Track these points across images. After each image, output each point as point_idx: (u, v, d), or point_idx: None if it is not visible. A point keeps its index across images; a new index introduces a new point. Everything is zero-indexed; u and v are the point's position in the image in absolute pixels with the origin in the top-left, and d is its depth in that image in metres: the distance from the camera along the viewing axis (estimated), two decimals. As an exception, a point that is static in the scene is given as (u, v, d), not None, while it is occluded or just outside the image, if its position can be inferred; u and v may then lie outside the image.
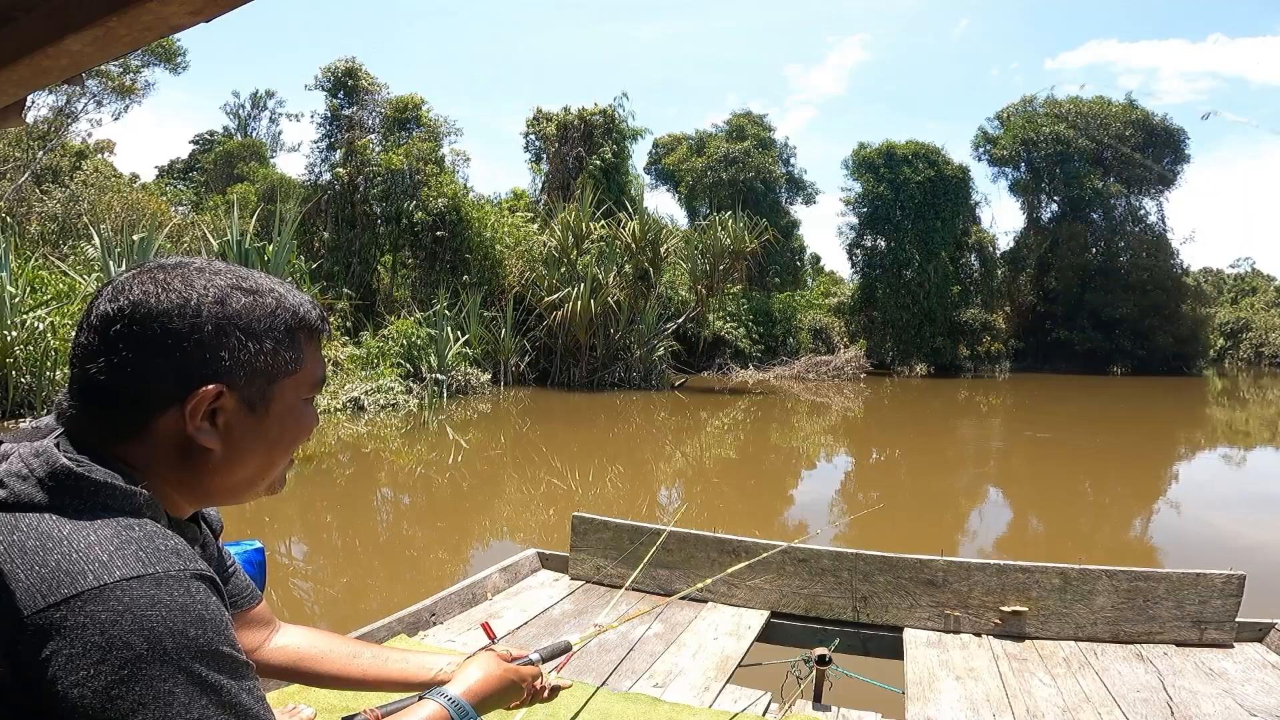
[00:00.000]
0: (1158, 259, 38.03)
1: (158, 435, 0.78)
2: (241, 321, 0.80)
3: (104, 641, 0.61)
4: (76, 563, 0.64)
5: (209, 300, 0.79)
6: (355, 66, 25.44)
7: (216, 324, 0.78)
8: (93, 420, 0.77)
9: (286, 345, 0.84)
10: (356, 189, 24.51)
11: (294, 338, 0.85)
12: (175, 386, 0.77)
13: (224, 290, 0.80)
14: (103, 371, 0.76)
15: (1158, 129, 38.37)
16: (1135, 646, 3.04)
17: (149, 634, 0.62)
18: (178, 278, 0.79)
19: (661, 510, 9.44)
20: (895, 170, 34.32)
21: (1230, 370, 45.01)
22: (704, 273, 23.95)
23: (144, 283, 0.78)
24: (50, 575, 0.63)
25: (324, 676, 1.24)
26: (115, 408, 0.77)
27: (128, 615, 0.62)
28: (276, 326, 0.83)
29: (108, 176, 25.48)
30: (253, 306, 0.81)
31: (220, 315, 0.79)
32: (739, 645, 3.12)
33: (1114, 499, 10.58)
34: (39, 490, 0.69)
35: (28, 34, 1.56)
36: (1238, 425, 20.22)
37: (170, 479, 0.80)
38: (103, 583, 0.63)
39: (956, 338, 34.67)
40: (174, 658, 0.63)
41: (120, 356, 0.75)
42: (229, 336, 0.79)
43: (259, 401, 0.83)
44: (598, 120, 28.09)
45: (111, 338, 0.76)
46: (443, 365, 19.20)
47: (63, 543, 0.65)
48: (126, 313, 0.76)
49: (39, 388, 11.57)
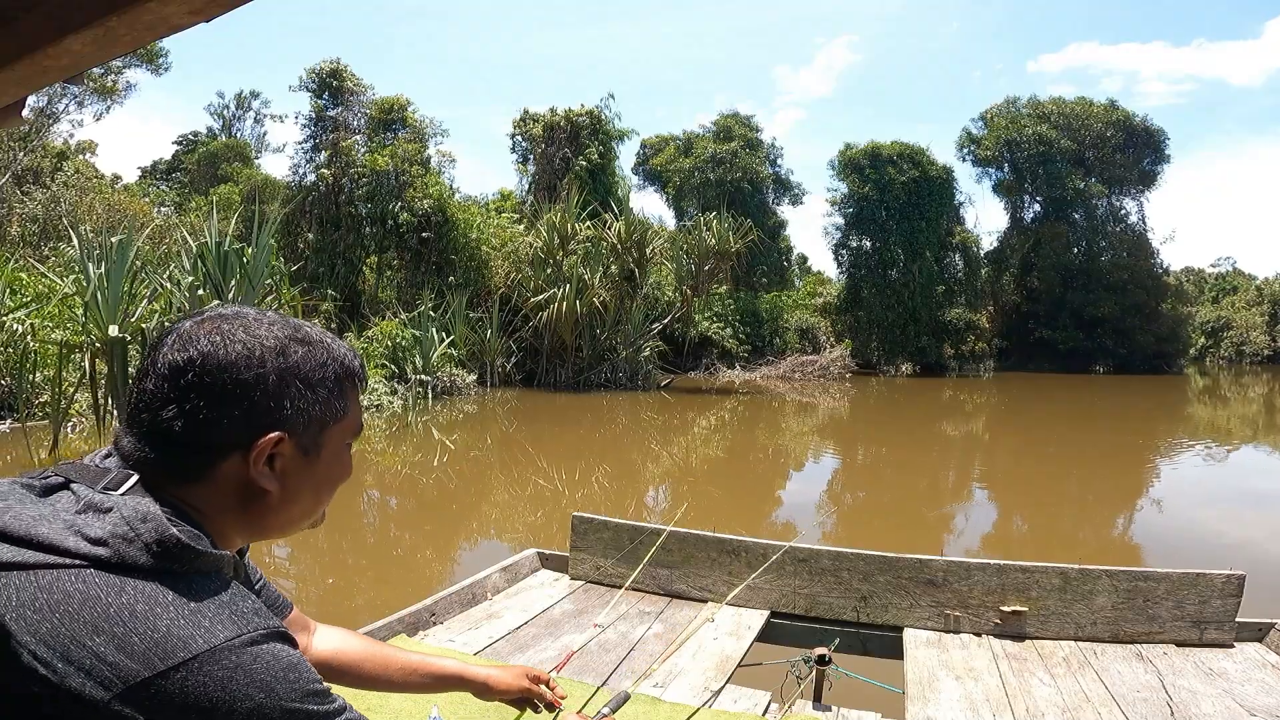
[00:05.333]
0: (1138, 258, 38.44)
1: (220, 478, 0.83)
2: (300, 372, 0.86)
3: (227, 697, 0.69)
4: (185, 628, 0.70)
5: (272, 352, 0.84)
6: (340, 67, 25.31)
7: (279, 374, 0.84)
8: (162, 465, 0.82)
9: (336, 394, 0.90)
10: (341, 190, 24.37)
11: (342, 387, 0.91)
12: (243, 434, 0.82)
13: (283, 341, 0.86)
14: (176, 420, 0.80)
15: (1138, 129, 38.77)
16: (1135, 646, 3.05)
17: (262, 685, 0.71)
18: (240, 328, 0.84)
19: (649, 511, 9.44)
20: (880, 171, 34.48)
21: (1212, 368, 45.51)
22: (690, 273, 23.97)
23: (210, 334, 0.83)
24: (164, 640, 0.69)
25: (364, 677, 1.33)
26: (185, 454, 0.82)
27: (240, 672, 0.70)
28: (328, 376, 0.89)
29: (89, 178, 25.25)
30: (309, 357, 0.87)
31: (282, 366, 0.84)
32: (739, 645, 3.11)
33: (1099, 497, 10.65)
34: (145, 554, 0.73)
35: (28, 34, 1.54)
36: (1220, 423, 20.42)
37: (229, 518, 0.86)
38: (212, 646, 0.70)
39: (941, 337, 34.87)
40: (287, 701, 0.73)
41: (192, 405, 0.80)
42: (290, 386, 0.85)
43: (312, 447, 0.88)
44: (584, 121, 28.07)
45: (183, 387, 0.80)
46: (428, 367, 19.13)
47: (170, 608, 0.71)
48: (197, 363, 0.81)
49: (19, 390, 11.44)
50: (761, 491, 10.91)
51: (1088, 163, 38.71)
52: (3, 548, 0.71)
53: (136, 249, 11.15)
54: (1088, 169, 38.65)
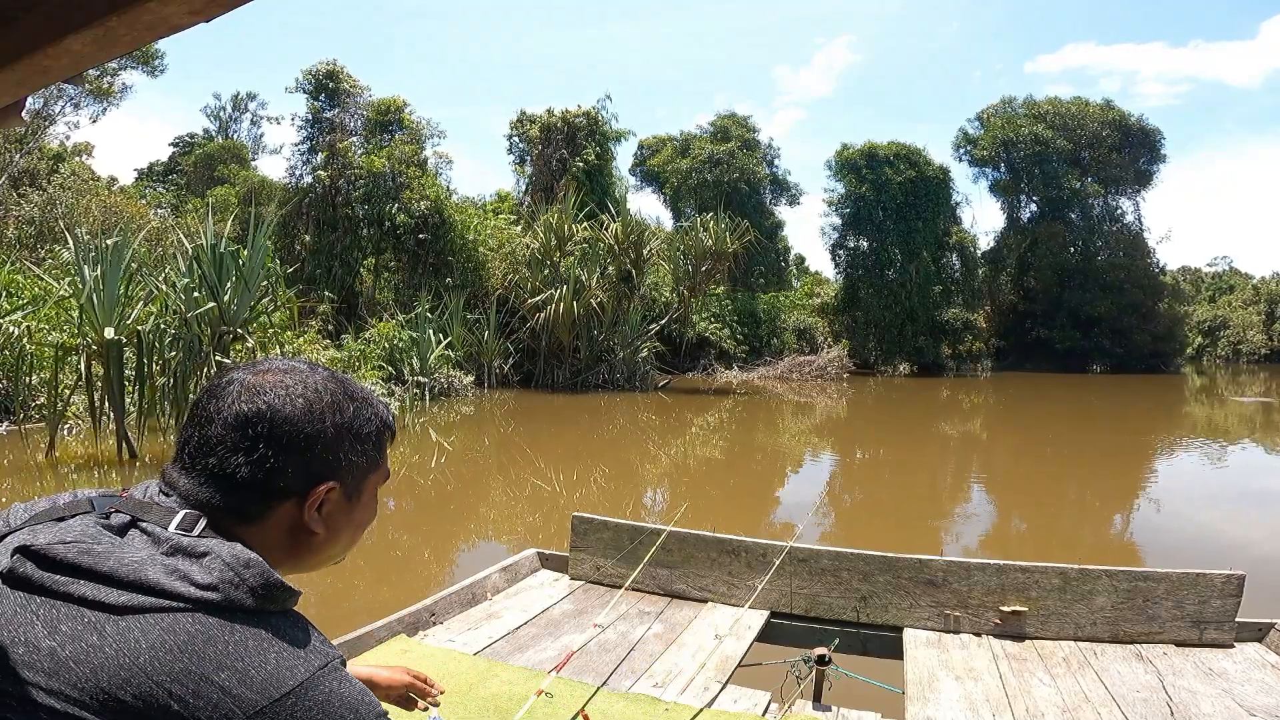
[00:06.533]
0: (1134, 258, 38.50)
1: (275, 520, 0.92)
2: (353, 427, 0.94)
3: (326, 718, 0.79)
4: (287, 660, 0.79)
5: (330, 408, 0.92)
6: (337, 69, 25.30)
7: (336, 429, 0.92)
8: (224, 506, 0.89)
9: (376, 446, 0.99)
10: (338, 192, 24.36)
11: (381, 439, 1.00)
12: (302, 482, 0.91)
13: (339, 398, 0.94)
14: (243, 466, 0.88)
15: (1134, 129, 38.83)
16: (1135, 646, 3.05)
17: (351, 707, 0.81)
18: (300, 384, 0.92)
19: (647, 511, 9.43)
20: (877, 171, 34.52)
21: (1209, 367, 45.60)
22: (687, 274, 23.97)
23: (275, 387, 0.91)
24: (275, 672, 0.78)
25: None
26: (248, 497, 0.89)
27: (335, 697, 0.80)
28: (373, 431, 0.98)
29: (85, 179, 25.19)
30: (359, 414, 0.96)
31: (339, 421, 0.93)
32: (739, 645, 3.11)
33: (1098, 496, 10.66)
34: (250, 597, 0.81)
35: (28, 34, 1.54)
36: (1217, 422, 20.44)
37: (276, 555, 0.92)
38: (311, 674, 0.80)
39: (938, 337, 34.90)
40: (369, 718, 0.82)
41: (260, 454, 0.88)
42: (344, 440, 0.93)
43: (355, 494, 0.97)
44: (581, 122, 28.08)
45: (253, 437, 0.88)
46: (425, 368, 19.11)
47: (275, 643, 0.80)
48: (266, 416, 0.88)
49: (16, 392, 11.42)
50: (760, 492, 10.91)
51: (1084, 163, 38.77)
52: (114, 592, 0.78)
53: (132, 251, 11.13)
54: (1084, 169, 38.71)
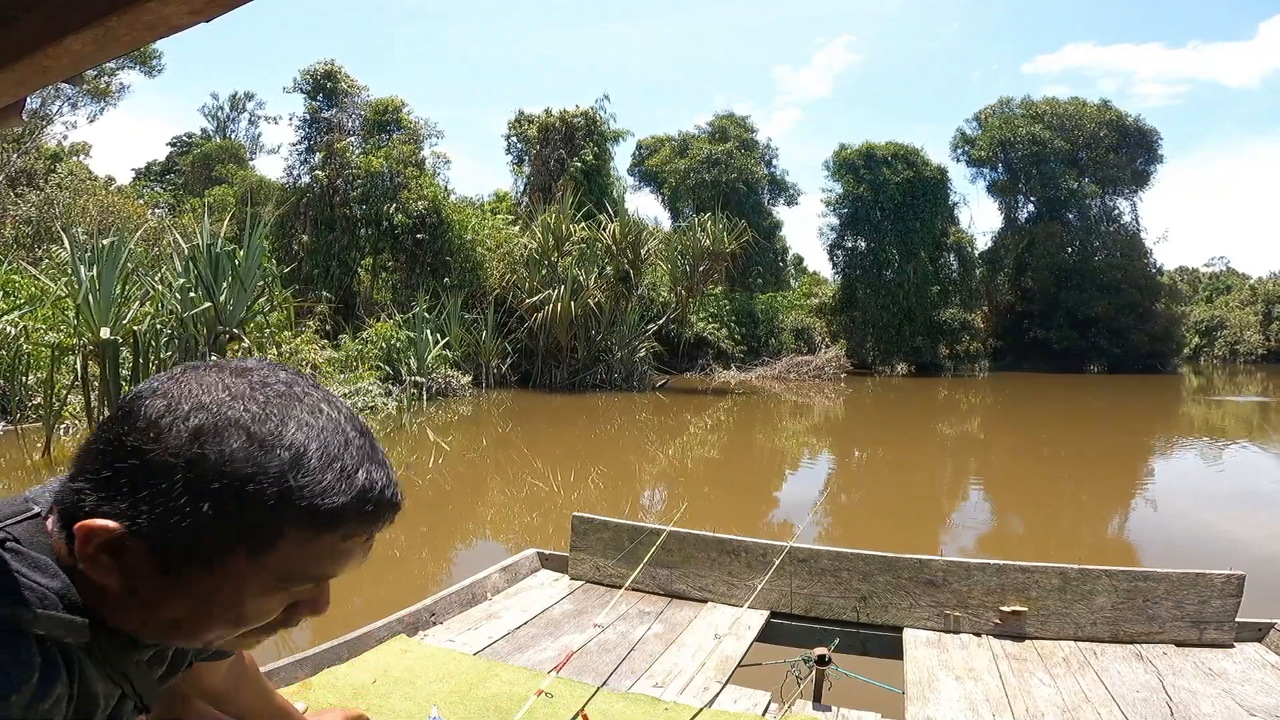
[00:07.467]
0: (1131, 258, 38.58)
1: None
2: (220, 469, 0.76)
3: None
4: None
5: (199, 428, 0.76)
6: (335, 69, 25.29)
7: (185, 460, 0.76)
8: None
9: (271, 515, 0.81)
10: (336, 192, 24.35)
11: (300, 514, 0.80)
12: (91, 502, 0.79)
13: (224, 421, 0.78)
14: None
15: (1131, 129, 38.88)
16: (1135, 646, 3.05)
17: None
18: (187, 387, 0.78)
19: (645, 511, 9.43)
20: (875, 171, 34.55)
21: (1206, 368, 45.65)
22: (685, 274, 23.97)
23: (169, 388, 0.79)
24: None
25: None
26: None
27: None
28: (274, 493, 0.78)
29: (83, 179, 25.17)
30: (252, 456, 0.77)
31: (195, 453, 0.75)
32: (739, 645, 3.11)
33: (1096, 496, 10.66)
34: None
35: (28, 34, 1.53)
36: (1215, 422, 20.46)
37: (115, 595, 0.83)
38: None
39: (936, 337, 34.94)
40: None
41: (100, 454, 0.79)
42: (187, 478, 0.76)
43: (187, 563, 0.80)
44: (579, 122, 28.10)
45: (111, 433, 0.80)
46: (423, 368, 19.11)
47: None
48: (125, 412, 0.79)
49: (12, 392, 11.41)
50: (758, 491, 10.91)
51: (1081, 163, 38.82)
52: None
53: (129, 251, 11.13)
54: (1081, 169, 38.77)
